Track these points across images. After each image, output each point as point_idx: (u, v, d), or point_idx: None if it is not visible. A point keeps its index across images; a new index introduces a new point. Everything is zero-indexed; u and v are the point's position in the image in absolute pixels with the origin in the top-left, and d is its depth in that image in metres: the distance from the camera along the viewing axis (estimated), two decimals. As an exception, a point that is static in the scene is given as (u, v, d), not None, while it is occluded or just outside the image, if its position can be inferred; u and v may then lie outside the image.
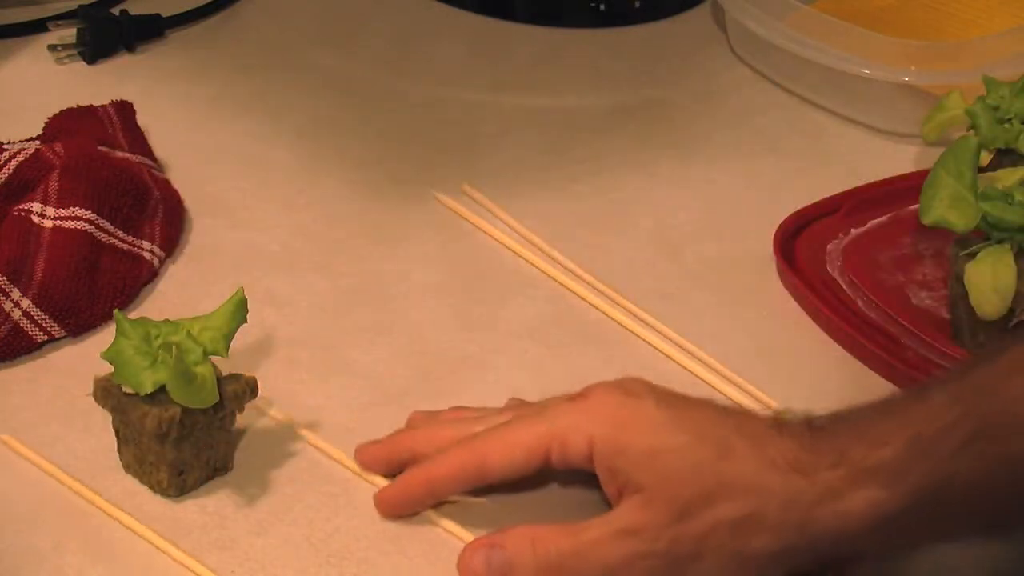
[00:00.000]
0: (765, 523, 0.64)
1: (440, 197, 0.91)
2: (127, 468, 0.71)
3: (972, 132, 0.88)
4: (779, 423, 0.66)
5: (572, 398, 0.68)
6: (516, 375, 0.79)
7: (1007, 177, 0.80)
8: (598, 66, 1.06)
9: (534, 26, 1.09)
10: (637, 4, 1.10)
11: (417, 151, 0.96)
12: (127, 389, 0.69)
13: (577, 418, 0.67)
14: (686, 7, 1.12)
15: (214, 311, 0.71)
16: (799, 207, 0.88)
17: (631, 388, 0.68)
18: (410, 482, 0.70)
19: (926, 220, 0.79)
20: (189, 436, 0.69)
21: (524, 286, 0.85)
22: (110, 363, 0.69)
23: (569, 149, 0.97)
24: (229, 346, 0.71)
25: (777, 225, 0.86)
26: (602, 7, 1.09)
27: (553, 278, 0.85)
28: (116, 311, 0.71)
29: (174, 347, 0.68)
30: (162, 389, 0.68)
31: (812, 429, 0.66)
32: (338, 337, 0.81)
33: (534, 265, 0.86)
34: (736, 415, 0.68)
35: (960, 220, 0.78)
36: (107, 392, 0.70)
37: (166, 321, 0.71)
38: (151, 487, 0.71)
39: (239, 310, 0.71)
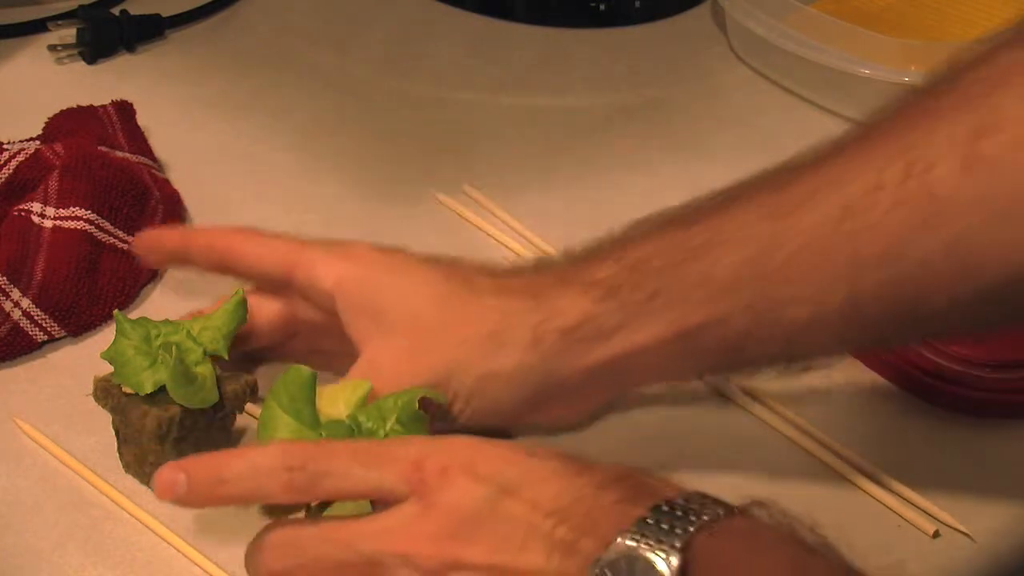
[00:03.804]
0: (503, 340, 0.68)
1: (440, 197, 0.91)
2: (127, 468, 0.71)
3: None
4: (518, 265, 0.72)
5: (330, 241, 0.73)
6: (516, 375, 0.79)
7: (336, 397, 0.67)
8: (598, 66, 1.06)
9: (534, 26, 1.09)
10: (637, 4, 1.10)
11: (417, 151, 0.96)
12: (127, 389, 0.69)
13: (331, 252, 0.71)
14: (686, 7, 1.12)
15: (214, 311, 0.71)
16: (799, 207, 0.88)
17: (387, 246, 0.72)
18: (168, 231, 0.78)
19: None
20: (189, 436, 0.69)
21: (524, 286, 0.85)
22: (110, 363, 0.69)
23: (569, 149, 0.97)
24: (229, 346, 0.71)
25: (777, 225, 0.86)
26: (602, 7, 1.09)
27: (553, 278, 0.85)
28: (116, 311, 0.71)
29: (174, 347, 0.68)
30: (162, 389, 0.69)
31: (543, 260, 0.72)
32: (338, 337, 0.81)
33: (534, 265, 0.86)
34: (483, 263, 0.72)
35: None
36: (107, 392, 0.70)
37: (166, 321, 0.71)
38: (151, 487, 0.71)
39: (239, 310, 0.71)
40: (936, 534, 0.70)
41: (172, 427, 0.68)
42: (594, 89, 1.03)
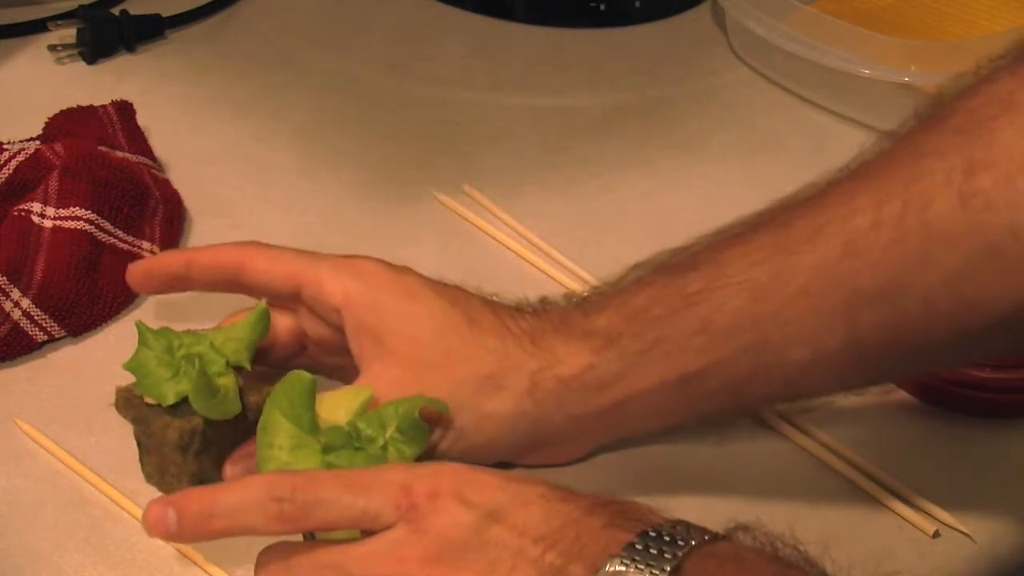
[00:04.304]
0: (500, 384, 0.68)
1: (440, 197, 0.91)
2: (148, 479, 0.71)
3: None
4: (521, 305, 0.72)
5: (339, 256, 0.72)
6: (516, 375, 0.79)
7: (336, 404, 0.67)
8: (598, 66, 1.06)
9: (534, 26, 1.09)
10: (637, 4, 1.10)
11: (417, 151, 0.96)
12: (149, 400, 0.69)
13: (339, 269, 0.70)
14: (686, 7, 1.12)
15: (236, 322, 0.71)
16: (799, 207, 0.88)
17: (396, 265, 0.72)
18: (168, 254, 0.76)
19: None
20: (211, 448, 0.69)
21: (524, 286, 0.85)
22: (132, 373, 0.69)
23: (569, 149, 0.97)
24: (252, 357, 0.71)
25: (777, 225, 0.86)
26: (602, 7, 1.09)
27: (553, 278, 0.85)
28: (138, 322, 0.70)
29: (197, 358, 0.68)
30: (184, 400, 0.68)
31: (545, 302, 0.71)
32: (338, 337, 0.81)
33: (534, 265, 0.86)
34: (487, 298, 0.72)
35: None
36: (128, 402, 0.69)
37: (188, 332, 0.70)
38: None
39: (261, 321, 0.71)
40: (936, 534, 0.70)
41: (194, 439, 0.68)
42: (594, 89, 1.03)
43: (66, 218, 0.82)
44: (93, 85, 1.00)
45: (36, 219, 0.82)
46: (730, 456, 0.75)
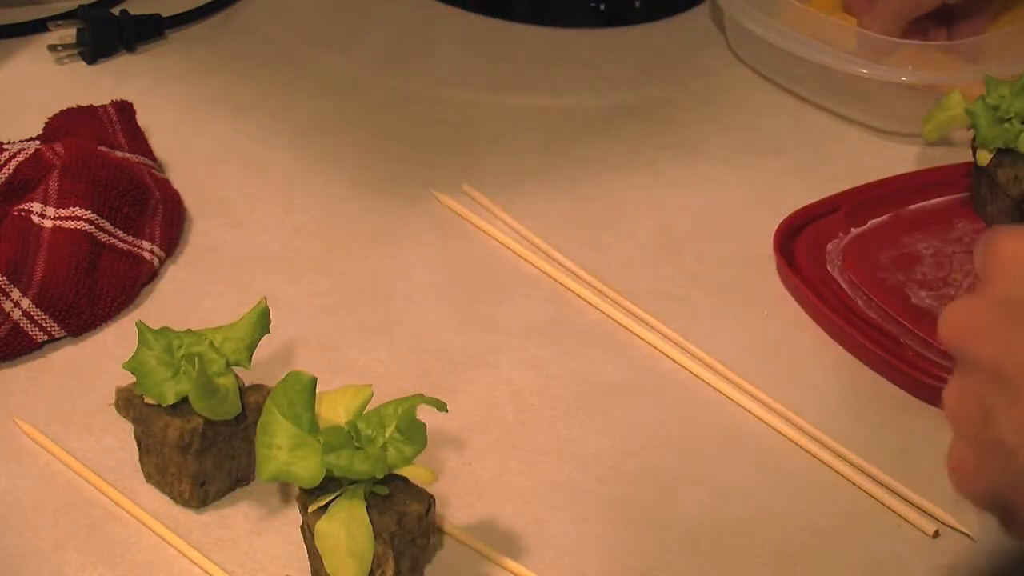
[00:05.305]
0: None
1: (440, 197, 0.91)
2: (148, 478, 0.71)
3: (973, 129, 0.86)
4: None
5: None
6: (516, 375, 0.79)
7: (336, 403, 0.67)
8: (598, 66, 1.06)
9: (534, 26, 1.09)
10: (637, 4, 1.10)
11: (417, 151, 0.96)
12: (149, 400, 0.69)
13: None
14: (686, 7, 1.12)
15: (236, 321, 0.71)
16: (799, 207, 0.88)
17: None
18: None
19: (263, 477, 0.65)
20: (211, 447, 0.69)
21: (524, 286, 0.85)
22: (132, 373, 0.69)
23: (569, 149, 0.97)
24: (252, 357, 0.71)
25: (777, 225, 0.86)
26: (602, 7, 1.09)
27: (553, 278, 0.85)
28: (138, 322, 0.70)
29: (197, 358, 0.68)
30: (184, 400, 0.68)
31: None
32: (338, 337, 0.81)
33: (534, 265, 0.86)
34: None
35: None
36: (129, 402, 0.70)
37: (188, 332, 0.70)
38: (173, 498, 0.70)
39: (261, 320, 0.71)
40: (936, 534, 0.70)
41: (195, 439, 0.68)
42: (594, 89, 1.03)
43: (66, 218, 0.82)
44: (93, 85, 1.00)
45: (36, 219, 0.82)
46: (729, 456, 0.75)
